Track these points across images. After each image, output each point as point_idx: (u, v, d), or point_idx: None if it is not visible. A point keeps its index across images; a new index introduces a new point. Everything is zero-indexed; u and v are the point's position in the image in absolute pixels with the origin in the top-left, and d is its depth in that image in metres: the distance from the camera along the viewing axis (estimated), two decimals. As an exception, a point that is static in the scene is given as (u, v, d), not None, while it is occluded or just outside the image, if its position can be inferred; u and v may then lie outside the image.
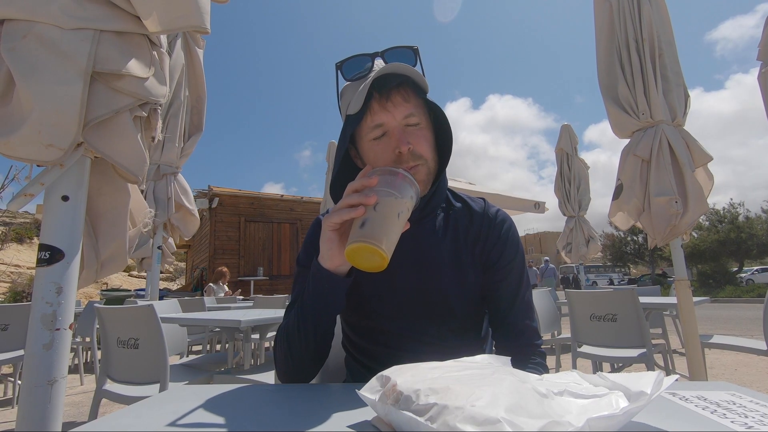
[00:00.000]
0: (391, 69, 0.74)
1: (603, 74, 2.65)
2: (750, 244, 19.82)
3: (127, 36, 1.01)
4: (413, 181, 0.67)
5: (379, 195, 0.63)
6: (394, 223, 0.62)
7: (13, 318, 3.05)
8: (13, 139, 0.88)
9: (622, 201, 2.46)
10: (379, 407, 0.43)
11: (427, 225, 0.84)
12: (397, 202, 0.63)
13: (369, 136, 0.77)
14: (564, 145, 6.08)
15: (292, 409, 0.53)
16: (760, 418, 0.43)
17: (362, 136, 0.79)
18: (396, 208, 0.63)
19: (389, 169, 0.67)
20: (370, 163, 0.78)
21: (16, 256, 15.28)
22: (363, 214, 0.61)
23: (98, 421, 0.48)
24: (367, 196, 0.62)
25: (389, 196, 0.63)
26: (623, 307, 2.48)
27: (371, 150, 0.78)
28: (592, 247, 5.74)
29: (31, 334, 0.93)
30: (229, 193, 12.17)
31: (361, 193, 0.64)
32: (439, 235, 0.83)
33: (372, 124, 0.76)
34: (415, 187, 0.67)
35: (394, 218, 0.62)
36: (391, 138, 0.75)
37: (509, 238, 0.84)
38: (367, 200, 0.61)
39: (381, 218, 0.61)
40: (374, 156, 0.77)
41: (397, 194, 0.63)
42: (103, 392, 1.93)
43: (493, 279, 0.82)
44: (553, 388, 0.42)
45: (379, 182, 0.65)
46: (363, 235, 0.59)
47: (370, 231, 0.60)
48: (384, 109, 0.75)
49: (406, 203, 0.64)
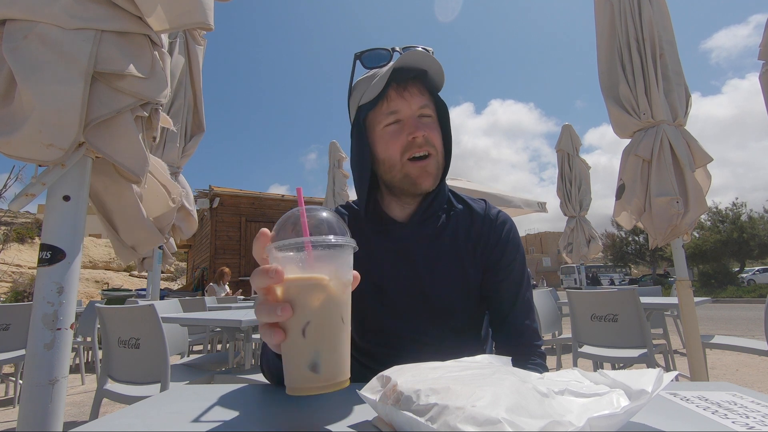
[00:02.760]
0: (412, 60, 0.75)
1: (604, 74, 2.65)
2: (752, 244, 19.78)
3: (129, 36, 1.02)
4: (335, 223, 0.46)
5: (298, 295, 0.42)
6: (338, 334, 0.43)
7: (15, 318, 3.06)
8: (15, 138, 0.88)
9: (625, 201, 2.46)
10: (379, 407, 0.43)
11: (429, 226, 0.84)
12: (331, 292, 0.43)
13: (383, 122, 0.79)
14: (565, 145, 6.07)
15: (293, 409, 0.53)
16: (762, 418, 0.43)
17: (375, 124, 0.80)
18: (334, 308, 0.43)
19: (296, 221, 0.44)
20: (382, 150, 0.79)
21: (17, 256, 15.31)
22: (285, 339, 0.43)
23: (99, 421, 0.48)
24: (280, 308, 0.41)
25: (315, 289, 0.42)
26: (624, 307, 2.47)
27: (383, 137, 0.79)
28: (593, 247, 5.73)
29: (32, 333, 0.94)
30: (230, 193, 12.18)
31: (269, 306, 0.42)
32: (441, 236, 0.83)
33: (387, 111, 0.78)
34: (346, 229, 0.46)
35: (337, 324, 0.43)
36: (405, 125, 0.77)
37: (510, 239, 0.84)
38: (281, 316, 0.41)
39: (319, 341, 0.42)
40: (385, 143, 0.78)
41: (327, 275, 0.43)
42: (104, 392, 1.94)
43: (493, 279, 0.82)
44: (553, 387, 0.42)
45: (288, 261, 0.43)
46: (307, 381, 0.42)
47: (323, 370, 0.42)
48: (401, 97, 0.77)
49: (341, 276, 0.44)
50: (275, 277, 0.41)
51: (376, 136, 0.80)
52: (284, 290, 0.43)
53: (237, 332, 2.55)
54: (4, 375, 3.72)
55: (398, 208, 0.85)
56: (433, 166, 0.78)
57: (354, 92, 0.84)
